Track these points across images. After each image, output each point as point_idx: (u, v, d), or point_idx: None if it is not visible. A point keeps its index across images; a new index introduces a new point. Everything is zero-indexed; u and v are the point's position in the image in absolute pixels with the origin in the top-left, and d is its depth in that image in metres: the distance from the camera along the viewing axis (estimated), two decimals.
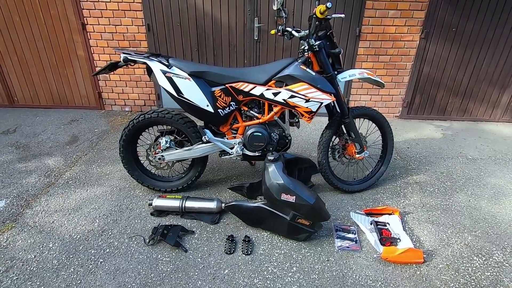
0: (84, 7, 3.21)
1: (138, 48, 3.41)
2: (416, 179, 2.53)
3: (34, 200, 2.16)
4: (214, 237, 1.87)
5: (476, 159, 2.88)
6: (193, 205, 1.99)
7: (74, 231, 1.89)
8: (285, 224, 1.79)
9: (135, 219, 2.00)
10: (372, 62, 3.39)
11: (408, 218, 2.08)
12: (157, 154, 2.07)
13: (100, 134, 3.19)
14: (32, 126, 3.33)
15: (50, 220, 1.97)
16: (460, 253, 1.80)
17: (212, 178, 2.47)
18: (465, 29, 3.22)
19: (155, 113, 1.99)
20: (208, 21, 3.26)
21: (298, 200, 1.70)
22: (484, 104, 3.62)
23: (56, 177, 2.42)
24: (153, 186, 2.20)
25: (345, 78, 1.98)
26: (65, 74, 3.57)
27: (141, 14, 3.23)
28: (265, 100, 1.91)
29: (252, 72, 1.91)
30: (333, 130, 2.11)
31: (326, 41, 1.90)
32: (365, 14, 3.16)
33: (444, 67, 3.42)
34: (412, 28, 3.23)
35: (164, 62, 1.84)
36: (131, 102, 3.72)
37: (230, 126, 2.05)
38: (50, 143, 2.97)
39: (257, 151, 2.03)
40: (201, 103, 1.89)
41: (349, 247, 1.81)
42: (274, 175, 1.77)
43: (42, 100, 3.75)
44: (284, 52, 3.37)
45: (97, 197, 2.21)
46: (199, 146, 2.03)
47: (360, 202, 2.22)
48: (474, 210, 2.18)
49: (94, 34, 3.34)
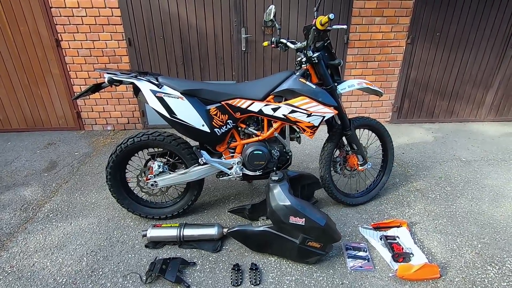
0: (58, 22, 2.99)
1: (119, 63, 3.22)
2: (416, 186, 2.49)
3: (10, 240, 1.92)
4: (218, 267, 1.72)
5: (470, 161, 2.90)
6: (192, 233, 1.83)
7: (59, 273, 1.67)
8: (294, 248, 1.67)
9: (128, 254, 1.81)
10: (361, 69, 3.39)
11: (416, 229, 2.02)
12: (149, 180, 1.90)
13: (81, 157, 2.96)
14: (3, 153, 3.04)
15: (30, 262, 1.74)
16: (473, 263, 1.75)
17: (209, 200, 2.32)
18: (449, 33, 3.29)
19: (145, 135, 1.83)
20: (193, 33, 3.13)
21: (308, 223, 1.58)
22: (469, 104, 3.70)
23: (34, 211, 2.19)
24: (146, 214, 2.02)
25: (345, 89, 1.91)
26: (38, 94, 3.31)
27: (121, 28, 3.06)
28: (264, 116, 1.81)
29: (249, 87, 1.80)
30: (334, 142, 2.03)
31: (324, 52, 1.82)
32: (352, 22, 3.16)
33: (430, 70, 3.48)
34: (398, 34, 3.25)
35: (154, 81, 1.69)
36: (113, 121, 3.50)
37: (228, 145, 1.92)
38: (25, 171, 2.71)
39: (257, 170, 1.91)
40: (196, 123, 1.75)
41: (362, 266, 1.71)
42: (280, 196, 1.65)
43: (14, 124, 3.45)
44: (273, 62, 3.30)
45: (83, 230, 1.99)
46: (196, 169, 1.88)
47: (365, 215, 2.15)
48: (478, 215, 2.16)
49: (69, 50, 3.12)
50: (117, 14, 3.00)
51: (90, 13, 2.97)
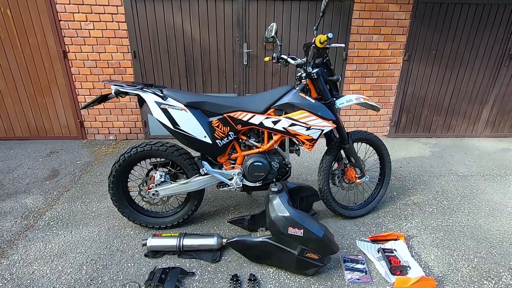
0: (66, 34, 3.09)
1: (123, 75, 3.30)
2: (414, 200, 2.52)
3: (10, 247, 1.93)
4: (216, 277, 1.73)
5: (466, 176, 2.94)
6: (192, 243, 1.85)
7: (58, 281, 1.68)
8: (293, 259, 1.69)
9: (128, 263, 1.82)
10: (359, 84, 3.48)
11: (413, 243, 2.04)
12: (151, 189, 1.94)
13: (83, 166, 2.99)
14: (6, 161, 3.07)
15: (29, 270, 1.75)
16: (470, 277, 1.77)
17: (208, 210, 2.34)
18: (444, 51, 3.40)
19: (148, 145, 1.87)
20: (197, 47, 3.23)
21: (307, 234, 1.61)
22: (465, 120, 3.78)
23: (35, 219, 2.20)
24: (146, 223, 2.04)
25: (343, 104, 1.97)
26: (43, 103, 3.38)
27: (127, 41, 3.15)
28: (264, 129, 1.86)
29: (250, 100, 1.87)
30: (333, 155, 2.08)
31: (324, 68, 1.90)
32: (351, 39, 3.27)
33: (427, 86, 3.57)
34: (395, 51, 3.36)
35: (159, 93, 1.75)
36: (115, 131, 3.56)
37: (229, 157, 1.97)
38: (27, 179, 2.74)
39: (257, 181, 1.95)
40: (198, 135, 1.80)
41: (359, 279, 1.72)
42: (279, 207, 1.68)
43: (18, 132, 3.50)
44: (273, 77, 3.39)
45: (83, 239, 2.01)
46: (197, 179, 1.92)
47: (363, 228, 2.17)
48: (475, 229, 2.18)
49: (76, 62, 3.21)
50: (123, 28, 3.10)
51: (98, 27, 3.08)
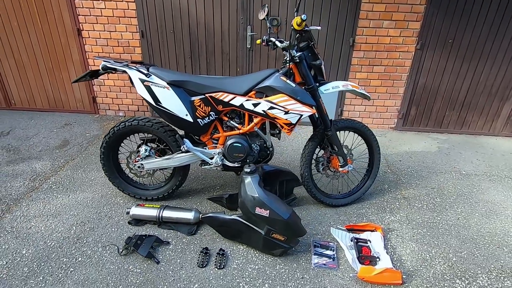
0: (80, 13, 3.25)
1: (132, 54, 3.43)
2: (404, 194, 2.45)
3: (16, 204, 2.16)
4: (188, 248, 1.83)
5: (470, 175, 2.79)
6: (170, 215, 1.96)
7: (49, 237, 1.87)
8: (260, 239, 1.74)
9: (112, 228, 1.97)
10: (366, 72, 3.35)
11: (392, 236, 2.01)
12: (137, 162, 2.06)
13: (91, 138, 3.21)
14: (26, 129, 3.36)
15: (27, 225, 1.96)
16: (442, 275, 1.73)
17: (196, 187, 2.44)
18: (462, 41, 3.16)
19: (135, 120, 1.98)
20: (201, 29, 3.27)
21: (272, 215, 1.65)
22: (482, 117, 3.53)
23: (40, 182, 2.43)
24: (134, 194, 2.19)
25: (328, 90, 1.94)
26: (60, 78, 3.62)
27: (136, 21, 3.26)
28: (245, 110, 1.89)
29: (233, 82, 1.89)
30: (316, 142, 2.07)
31: (308, 52, 1.87)
32: (359, 24, 3.13)
33: (441, 78, 3.35)
34: (407, 39, 3.18)
35: (143, 70, 1.83)
36: (124, 108, 3.74)
37: (211, 136, 2.03)
38: (41, 147, 2.99)
39: (236, 161, 2.00)
40: (179, 113, 1.87)
41: (326, 264, 1.75)
42: (249, 188, 1.73)
43: (38, 104, 3.79)
44: (277, 61, 3.36)
45: (77, 203, 2.20)
46: (178, 156, 2.01)
47: (344, 217, 2.16)
48: (463, 229, 2.10)
49: (89, 39, 3.38)
50: (132, 8, 3.20)
51: (109, 6, 3.20)
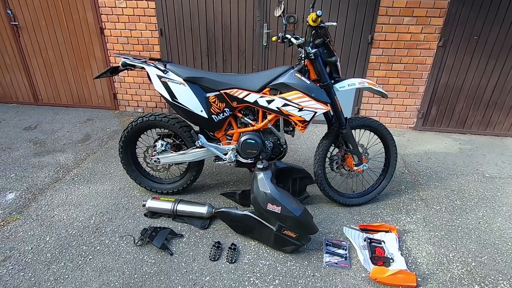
0: (103, 12, 3.38)
1: (151, 52, 3.52)
2: (422, 196, 2.38)
3: (41, 194, 2.28)
4: (201, 242, 1.87)
5: (494, 178, 2.66)
6: (184, 208, 2.01)
7: (71, 226, 1.97)
8: (271, 235, 1.75)
9: (129, 219, 2.05)
10: (385, 70, 3.26)
11: (407, 237, 1.96)
12: (153, 156, 2.12)
13: (111, 133, 3.33)
14: (52, 124, 3.53)
15: (51, 214, 2.07)
16: (460, 279, 1.67)
17: (210, 182, 2.48)
18: (489, 37, 3.01)
19: (152, 116, 2.04)
20: (218, 26, 3.30)
21: (284, 212, 1.65)
22: (509, 117, 3.35)
23: (64, 174, 2.55)
24: (150, 188, 2.25)
25: (344, 87, 1.91)
26: (84, 75, 3.77)
27: (155, 19, 3.34)
28: (259, 107, 1.90)
29: (247, 79, 1.91)
30: (330, 140, 2.05)
31: (324, 49, 1.85)
32: (378, 21, 3.05)
33: (465, 77, 3.22)
34: (429, 36, 3.07)
35: (161, 67, 1.88)
36: (143, 104, 3.85)
37: (225, 132, 2.05)
38: (65, 140, 3.14)
39: (250, 158, 2.02)
40: (195, 108, 1.91)
41: (337, 263, 1.73)
42: (262, 184, 1.74)
43: (63, 99, 3.98)
44: (293, 59, 3.34)
45: (97, 194, 2.29)
46: (193, 151, 2.05)
47: (357, 217, 2.13)
48: (484, 233, 2.01)
49: (111, 38, 3.50)
50: (152, 7, 3.28)
51: (130, 5, 3.30)
